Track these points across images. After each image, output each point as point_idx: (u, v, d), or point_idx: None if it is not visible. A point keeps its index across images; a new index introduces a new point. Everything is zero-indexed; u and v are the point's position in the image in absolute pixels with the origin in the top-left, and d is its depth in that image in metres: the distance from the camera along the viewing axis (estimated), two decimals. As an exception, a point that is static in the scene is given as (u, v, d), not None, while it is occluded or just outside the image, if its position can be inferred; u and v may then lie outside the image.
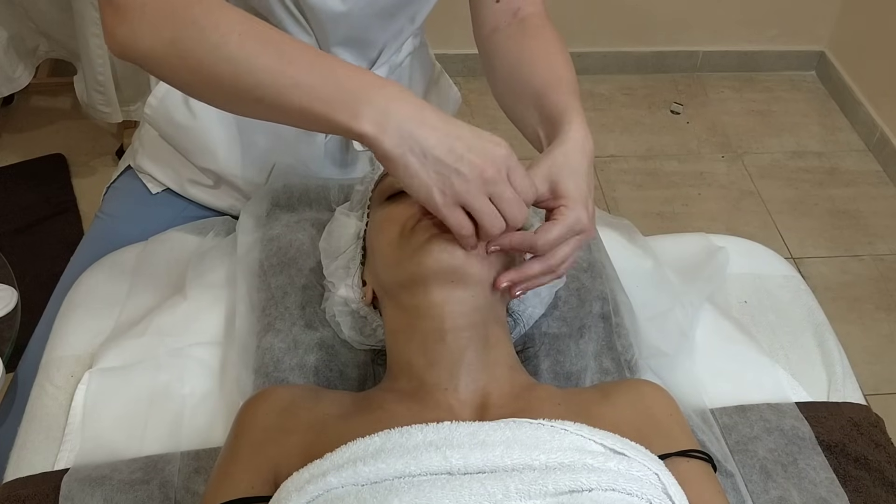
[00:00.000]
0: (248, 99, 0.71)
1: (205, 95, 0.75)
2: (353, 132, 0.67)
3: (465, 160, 0.67)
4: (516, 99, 0.90)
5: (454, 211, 0.69)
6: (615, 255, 1.03)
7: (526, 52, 0.91)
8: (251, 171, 1.08)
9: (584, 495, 0.59)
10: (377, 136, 0.66)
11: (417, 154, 0.67)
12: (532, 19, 0.95)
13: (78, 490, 0.79)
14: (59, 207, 2.05)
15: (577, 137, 0.78)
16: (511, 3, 0.96)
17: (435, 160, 0.67)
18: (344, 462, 0.62)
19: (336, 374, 0.88)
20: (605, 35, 2.60)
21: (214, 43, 0.69)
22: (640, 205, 2.23)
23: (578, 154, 0.77)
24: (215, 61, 0.69)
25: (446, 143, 0.67)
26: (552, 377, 0.89)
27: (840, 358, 1.01)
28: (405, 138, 0.66)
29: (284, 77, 0.68)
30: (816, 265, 2.09)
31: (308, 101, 0.68)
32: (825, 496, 0.84)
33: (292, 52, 0.69)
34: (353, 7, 0.93)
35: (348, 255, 0.88)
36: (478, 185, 0.68)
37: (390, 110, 0.66)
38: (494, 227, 0.69)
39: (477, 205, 0.68)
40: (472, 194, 0.68)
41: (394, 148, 0.66)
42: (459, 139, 0.68)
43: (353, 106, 0.67)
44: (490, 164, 0.68)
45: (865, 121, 2.48)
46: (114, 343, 0.94)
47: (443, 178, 0.67)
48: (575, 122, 0.79)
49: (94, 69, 1.88)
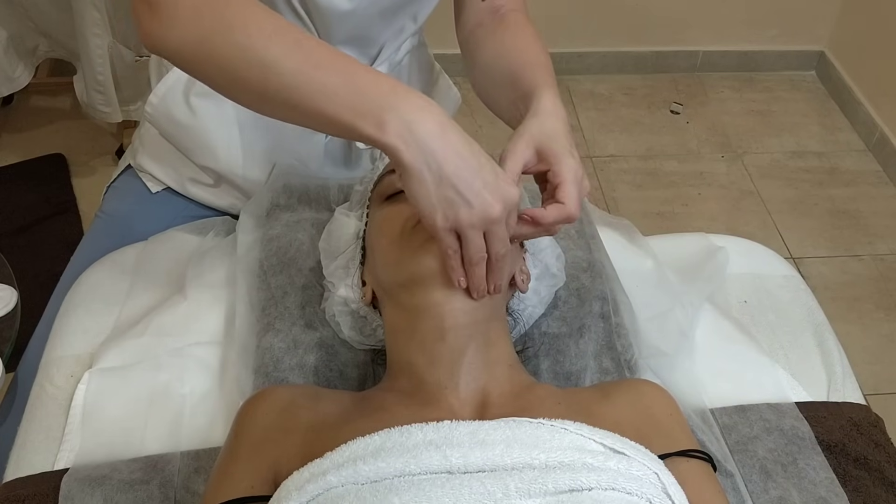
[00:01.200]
0: (274, 101, 0.71)
1: (232, 94, 0.76)
2: (377, 142, 0.67)
3: (479, 195, 0.68)
4: (493, 84, 0.92)
5: (448, 233, 0.70)
6: (615, 255, 1.03)
7: (503, 42, 0.93)
8: (251, 170, 1.08)
9: (583, 494, 0.59)
10: (399, 149, 0.66)
11: (434, 173, 0.67)
12: (512, 15, 0.97)
13: (78, 490, 0.79)
14: (59, 207, 2.05)
15: (547, 107, 0.79)
16: (494, 2, 0.97)
17: (450, 185, 0.67)
18: (344, 461, 0.62)
19: (336, 374, 0.88)
20: (605, 35, 2.60)
21: (242, 44, 0.69)
22: (639, 205, 2.23)
23: (552, 118, 0.78)
24: (243, 62, 0.70)
25: (466, 173, 0.67)
26: (552, 377, 0.89)
27: (840, 358, 1.01)
28: (426, 155, 0.66)
29: (310, 81, 0.68)
30: (816, 265, 2.09)
31: (333, 107, 0.68)
32: (825, 496, 0.84)
33: (320, 56, 0.70)
34: (358, 5, 0.93)
35: (348, 254, 0.88)
36: (481, 220, 0.68)
37: (415, 124, 0.66)
38: (476, 256, 0.71)
39: (471, 237, 0.69)
40: (473, 227, 0.69)
41: (413, 162, 0.67)
42: (479, 172, 0.68)
43: (378, 115, 0.67)
44: (499, 205, 0.68)
45: (865, 121, 2.48)
46: (114, 343, 0.94)
47: (451, 204, 0.68)
48: (545, 96, 0.80)
49: (94, 69, 1.88)
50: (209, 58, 0.71)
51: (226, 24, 0.70)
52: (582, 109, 2.44)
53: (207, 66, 0.72)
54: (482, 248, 0.70)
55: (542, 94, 0.80)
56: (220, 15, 0.70)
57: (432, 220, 0.69)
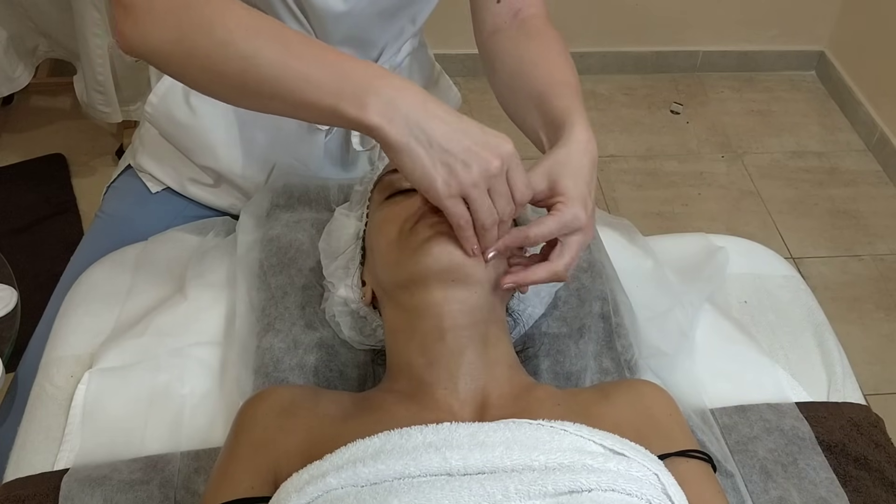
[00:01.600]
0: (256, 94, 0.72)
1: (213, 91, 0.76)
2: (360, 123, 0.68)
3: (472, 152, 0.68)
4: (518, 101, 0.90)
5: (456, 202, 0.69)
6: (615, 255, 1.03)
7: (527, 54, 0.91)
8: (251, 170, 1.08)
9: (583, 496, 0.59)
10: (383, 126, 0.67)
11: (424, 143, 0.67)
12: (533, 21, 0.95)
13: (78, 490, 0.79)
14: (59, 207, 2.05)
15: (580, 139, 0.78)
16: (512, 4, 0.95)
17: (442, 150, 0.67)
18: (343, 463, 0.62)
19: (336, 374, 0.88)
20: (605, 35, 2.60)
21: (221, 39, 0.70)
22: (639, 205, 2.23)
23: (581, 155, 0.77)
24: (223, 58, 0.70)
25: (454, 135, 0.68)
26: (552, 377, 0.89)
27: (840, 358, 1.01)
28: (412, 128, 0.67)
29: (291, 71, 0.69)
30: (816, 265, 2.09)
31: (316, 94, 0.69)
32: (825, 496, 0.84)
33: (298, 47, 0.70)
34: (354, 6, 0.93)
35: (348, 255, 0.88)
36: (483, 177, 0.68)
37: (397, 100, 0.67)
38: (489, 220, 0.70)
39: (478, 196, 0.69)
40: (476, 186, 0.68)
41: (400, 137, 0.67)
42: (466, 132, 0.68)
43: (360, 97, 0.67)
44: (496, 158, 0.68)
45: (865, 121, 2.48)
46: (114, 343, 0.94)
47: (448, 169, 0.68)
48: (578, 124, 0.79)
49: (94, 69, 1.88)
50: (188, 55, 0.72)
51: (206, 21, 0.71)
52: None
53: (186, 63, 0.73)
54: (492, 208, 0.70)
55: (575, 125, 0.79)
56: (200, 13, 0.71)
57: (434, 189, 0.68)
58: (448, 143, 0.67)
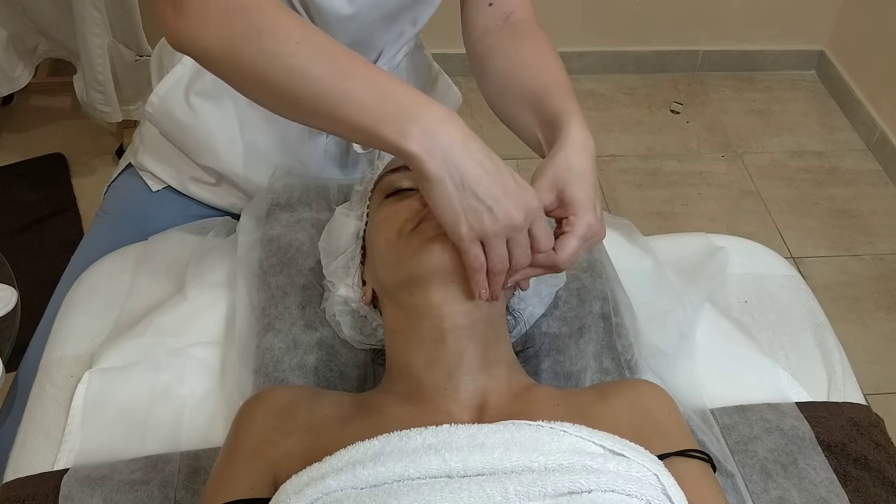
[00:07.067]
0: (298, 106, 0.71)
1: (256, 97, 0.76)
2: (399, 149, 0.67)
3: (500, 203, 0.68)
4: (511, 102, 0.90)
5: (474, 245, 0.70)
6: (615, 255, 1.03)
7: (520, 56, 0.91)
8: (252, 170, 1.08)
9: (583, 497, 0.59)
10: (422, 158, 0.66)
11: (456, 182, 0.67)
12: (524, 24, 0.95)
13: (78, 490, 0.79)
14: (59, 207, 2.05)
15: (577, 138, 0.78)
16: (503, 7, 0.96)
17: (471, 194, 0.67)
18: (343, 465, 0.62)
19: (336, 375, 0.88)
20: (605, 35, 2.60)
21: (270, 49, 0.69)
22: (640, 205, 2.23)
23: (580, 156, 0.77)
24: (270, 67, 0.70)
25: (486, 181, 0.67)
26: (552, 377, 0.89)
27: (840, 358, 1.01)
28: (448, 164, 0.67)
29: (335, 89, 0.68)
30: (816, 265, 2.09)
31: (357, 114, 0.68)
32: (825, 496, 0.84)
33: (346, 65, 0.70)
34: (359, 10, 0.93)
35: (348, 254, 0.88)
36: (505, 229, 0.69)
37: (438, 134, 0.67)
38: (500, 267, 0.71)
39: (497, 246, 0.70)
40: (497, 236, 0.69)
41: (436, 171, 0.67)
42: (499, 180, 0.68)
43: (401, 123, 0.67)
44: (522, 213, 0.69)
45: (865, 120, 2.48)
46: (114, 343, 0.94)
47: (475, 213, 0.68)
48: (574, 122, 0.79)
49: (94, 69, 1.88)
50: (236, 60, 0.71)
51: (255, 28, 0.70)
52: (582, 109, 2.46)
53: (234, 68, 0.72)
54: (506, 257, 0.71)
55: (571, 124, 0.79)
56: (249, 19, 0.70)
57: (457, 230, 0.69)
58: (479, 187, 0.67)
